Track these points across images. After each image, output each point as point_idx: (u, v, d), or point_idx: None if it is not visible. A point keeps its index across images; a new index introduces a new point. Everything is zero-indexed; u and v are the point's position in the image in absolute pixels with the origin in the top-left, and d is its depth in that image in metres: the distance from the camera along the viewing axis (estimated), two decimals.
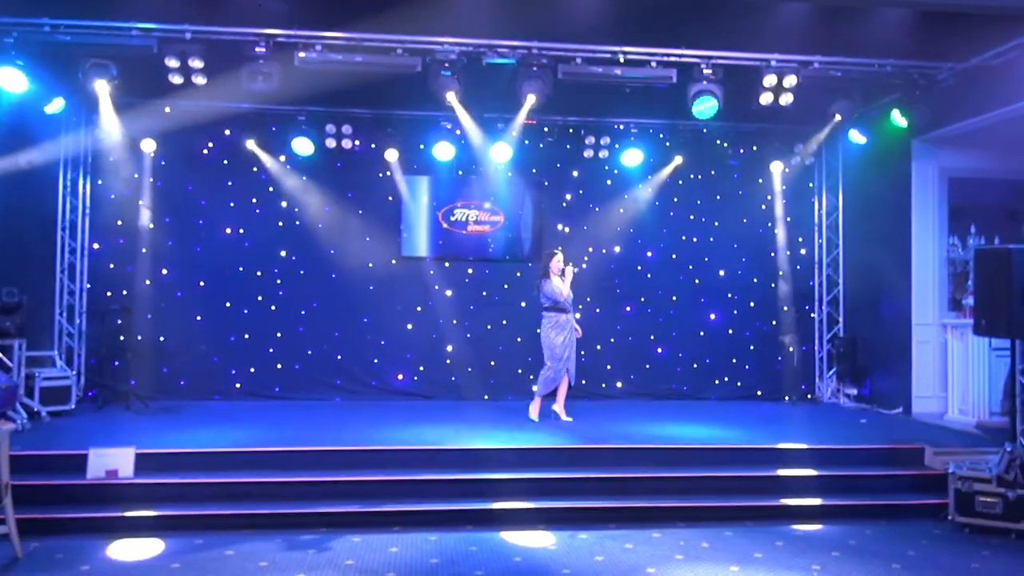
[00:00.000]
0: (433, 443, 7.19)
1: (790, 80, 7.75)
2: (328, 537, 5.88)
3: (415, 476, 6.65)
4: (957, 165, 9.11)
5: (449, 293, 10.25)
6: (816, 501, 6.62)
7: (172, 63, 7.40)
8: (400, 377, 10.14)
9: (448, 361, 10.19)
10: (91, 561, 5.33)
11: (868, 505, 6.57)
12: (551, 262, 8.50)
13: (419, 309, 10.19)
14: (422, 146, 10.01)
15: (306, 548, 5.63)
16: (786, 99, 7.90)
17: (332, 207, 10.07)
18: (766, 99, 7.89)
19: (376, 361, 10.12)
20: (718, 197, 10.50)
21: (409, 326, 10.16)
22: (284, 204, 10.03)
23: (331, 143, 9.81)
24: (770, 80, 7.75)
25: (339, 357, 10.07)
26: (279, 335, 9.99)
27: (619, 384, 10.31)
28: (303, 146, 9.65)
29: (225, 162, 9.90)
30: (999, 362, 8.19)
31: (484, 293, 10.30)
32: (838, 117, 8.47)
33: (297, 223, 10.03)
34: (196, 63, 7.43)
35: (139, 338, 9.56)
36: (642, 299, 10.25)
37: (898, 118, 8.46)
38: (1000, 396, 8.12)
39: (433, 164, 10.08)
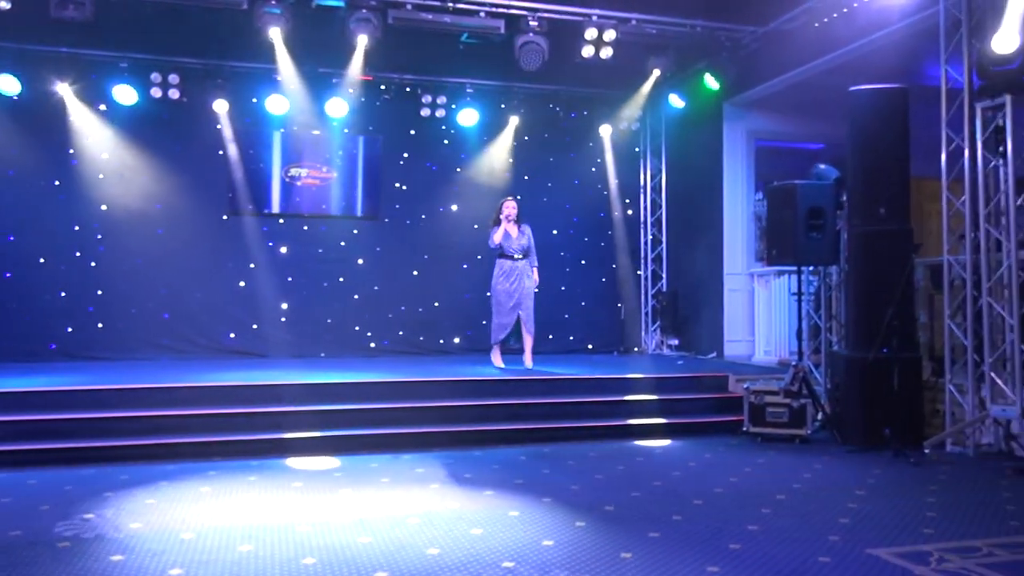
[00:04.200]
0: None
1: (610, 35, 8.22)
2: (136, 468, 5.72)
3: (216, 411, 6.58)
4: (763, 127, 9.91)
5: (284, 250, 10.09)
6: (630, 421, 7.05)
7: None
8: (232, 335, 9.88)
9: (283, 319, 10.03)
10: None
11: (676, 423, 7.08)
12: (501, 208, 8.42)
13: (252, 266, 9.96)
14: (255, 99, 9.80)
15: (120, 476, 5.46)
16: (606, 53, 8.35)
17: (158, 160, 9.67)
18: (587, 52, 8.32)
19: (206, 319, 9.81)
20: (551, 159, 10.90)
21: (242, 283, 9.92)
22: (105, 156, 9.55)
23: (157, 93, 9.42)
24: (591, 33, 8.18)
25: (166, 316, 9.69)
26: (99, 293, 9.49)
27: (456, 340, 10.50)
28: (126, 95, 9.25)
29: (39, 110, 9.28)
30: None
31: (320, 250, 10.21)
32: (656, 71, 9.00)
33: (120, 176, 9.57)
34: None
35: None
36: (478, 257, 10.41)
37: (710, 81, 9.12)
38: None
39: (266, 118, 9.88)
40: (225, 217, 9.93)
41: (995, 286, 6.12)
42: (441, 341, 10.46)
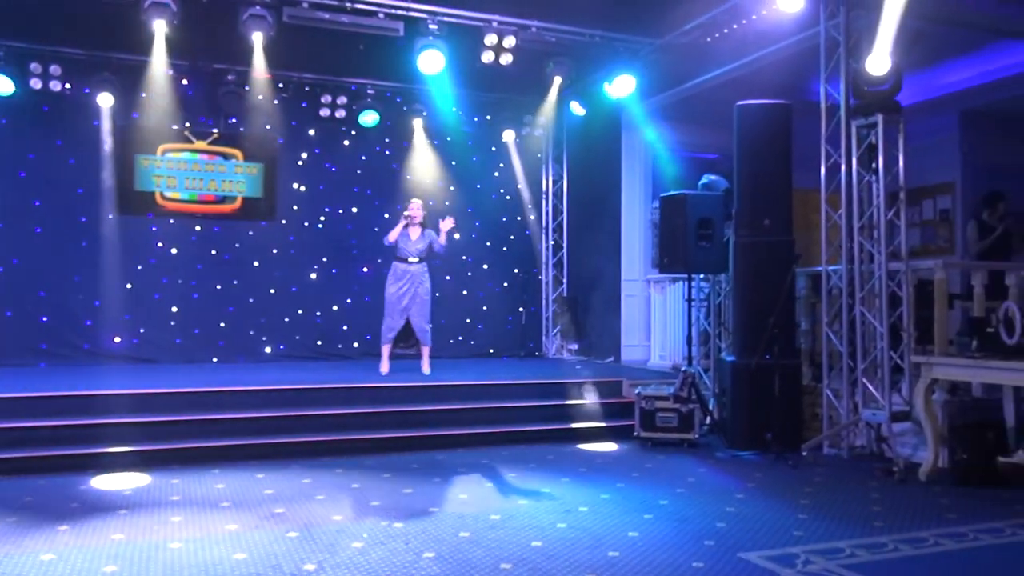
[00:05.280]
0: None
1: (509, 41, 8.23)
2: None
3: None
4: (660, 137, 10.12)
5: (174, 251, 9.72)
6: (523, 427, 7.09)
7: None
8: (117, 340, 9.42)
9: (173, 323, 9.66)
10: None
11: (570, 428, 7.17)
12: (407, 207, 8.24)
13: (140, 267, 9.55)
14: (144, 94, 9.40)
15: None
16: (506, 59, 8.36)
17: (37, 155, 9.18)
18: (488, 58, 8.32)
19: (89, 323, 9.33)
20: (453, 163, 10.85)
21: (129, 285, 9.49)
22: None
23: (36, 84, 8.92)
24: (491, 39, 8.18)
25: (45, 319, 9.17)
26: None
27: (355, 344, 10.32)
28: (1, 85, 8.74)
29: None
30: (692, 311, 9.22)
31: (213, 252, 9.87)
32: (558, 79, 9.05)
33: None
34: None
35: None
36: (379, 260, 10.28)
37: (609, 89, 9.25)
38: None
39: (157, 113, 9.49)
40: (111, 216, 9.48)
41: (868, 296, 6.43)
42: (340, 346, 10.28)
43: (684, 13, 8.06)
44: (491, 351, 10.95)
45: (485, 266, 11.04)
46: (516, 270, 11.18)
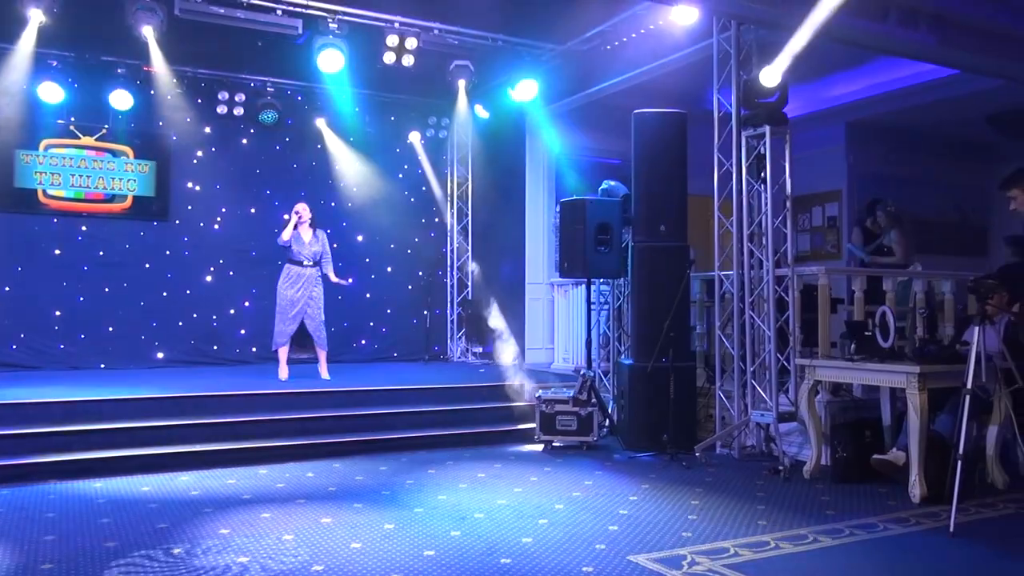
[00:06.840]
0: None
1: (411, 42, 8.15)
2: None
3: None
4: (564, 142, 10.23)
5: (58, 252, 9.25)
6: (425, 433, 7.05)
7: None
8: None
9: (56, 327, 9.19)
10: None
11: (469, 433, 7.16)
12: (294, 211, 8.04)
13: (20, 269, 9.05)
14: (24, 86, 8.89)
15: None
16: (408, 60, 8.28)
17: None
18: (389, 58, 8.22)
19: None
20: (357, 164, 10.68)
21: (7, 288, 8.99)
22: None
23: None
24: (392, 40, 8.09)
25: None
26: None
27: (253, 349, 10.05)
28: None
29: None
30: (593, 315, 9.34)
31: (101, 253, 9.44)
32: (463, 81, 9.02)
33: None
34: None
35: None
36: (278, 262, 9.99)
37: (513, 93, 9.28)
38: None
39: (39, 107, 9.00)
40: None
41: (757, 300, 6.66)
42: (237, 351, 10.00)
43: (585, 20, 8.14)
44: (395, 355, 10.84)
45: (389, 268, 10.92)
46: (421, 272, 11.11)
